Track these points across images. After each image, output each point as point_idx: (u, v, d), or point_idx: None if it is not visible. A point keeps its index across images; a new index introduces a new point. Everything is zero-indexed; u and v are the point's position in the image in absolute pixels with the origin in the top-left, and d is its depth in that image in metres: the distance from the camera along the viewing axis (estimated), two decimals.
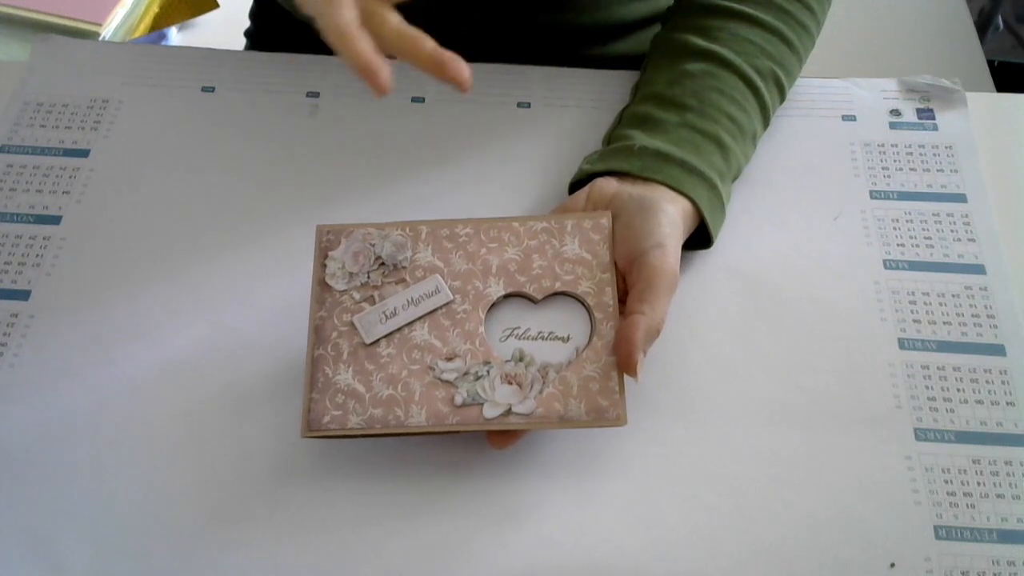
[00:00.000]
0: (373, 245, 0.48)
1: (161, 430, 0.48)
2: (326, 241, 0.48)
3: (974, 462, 0.47)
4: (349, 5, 0.40)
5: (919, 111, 0.61)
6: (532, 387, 0.44)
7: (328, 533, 0.45)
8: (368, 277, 0.47)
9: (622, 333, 0.45)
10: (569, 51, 0.66)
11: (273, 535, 0.45)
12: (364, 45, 0.40)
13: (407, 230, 0.48)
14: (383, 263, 0.47)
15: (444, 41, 0.64)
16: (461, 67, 0.41)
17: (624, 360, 0.44)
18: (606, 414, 0.44)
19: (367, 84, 0.40)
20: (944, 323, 0.51)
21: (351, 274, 0.47)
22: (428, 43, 0.41)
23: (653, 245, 0.46)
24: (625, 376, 0.45)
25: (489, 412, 0.44)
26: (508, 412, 0.44)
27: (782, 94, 0.57)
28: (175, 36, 1.17)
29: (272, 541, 0.45)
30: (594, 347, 0.45)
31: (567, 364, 0.45)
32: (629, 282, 0.47)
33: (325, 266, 0.47)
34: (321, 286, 0.47)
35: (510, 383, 0.44)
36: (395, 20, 0.42)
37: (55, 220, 0.56)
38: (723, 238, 0.53)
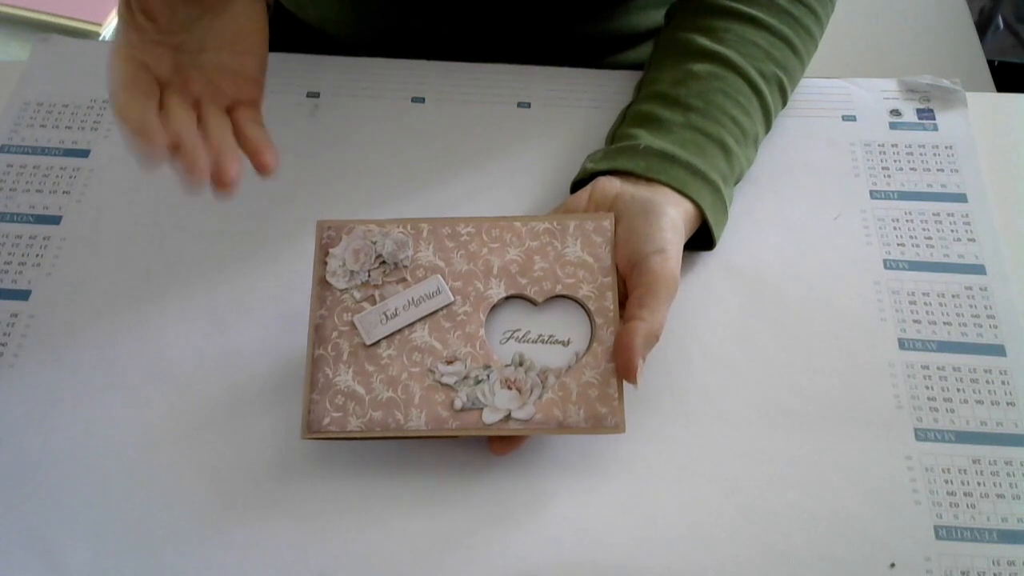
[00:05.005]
0: (374, 243, 0.47)
1: (161, 430, 0.48)
2: (327, 237, 0.48)
3: (974, 462, 0.47)
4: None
5: (919, 111, 0.61)
6: (531, 392, 0.44)
7: (328, 533, 0.45)
8: (369, 276, 0.47)
9: (621, 340, 0.44)
10: (583, 58, 0.66)
11: (273, 535, 0.45)
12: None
13: (408, 228, 0.48)
14: (384, 261, 0.47)
15: (465, 43, 0.65)
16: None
17: (623, 367, 0.44)
18: (605, 421, 0.44)
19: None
20: (944, 323, 0.51)
21: (352, 272, 0.47)
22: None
23: (655, 250, 0.46)
24: (624, 382, 0.45)
25: (488, 417, 0.44)
26: (507, 417, 0.44)
27: (784, 98, 0.57)
28: None
29: (272, 541, 0.45)
30: (594, 352, 0.45)
31: (567, 369, 0.45)
32: (629, 286, 0.47)
33: (326, 263, 0.47)
34: (322, 284, 0.47)
35: (510, 388, 0.44)
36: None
37: (55, 220, 0.56)
38: (723, 238, 0.53)
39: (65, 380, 0.50)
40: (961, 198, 0.56)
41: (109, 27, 1.04)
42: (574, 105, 0.61)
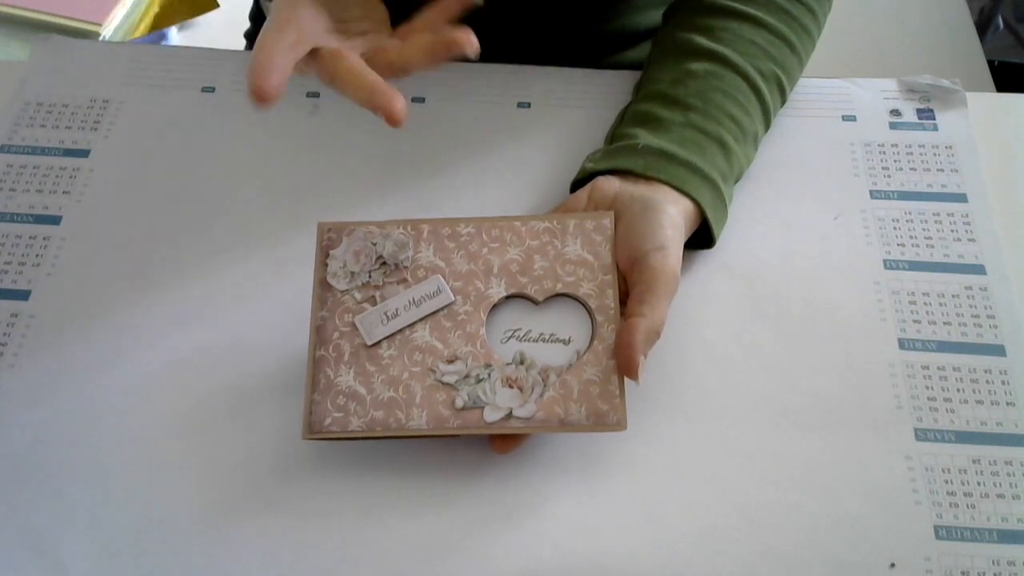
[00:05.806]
0: (374, 244, 0.48)
1: (162, 430, 0.48)
2: (327, 239, 0.48)
3: (974, 462, 0.47)
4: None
5: (919, 111, 0.61)
6: (533, 391, 0.44)
7: (329, 533, 0.45)
8: (369, 277, 0.47)
9: (622, 336, 0.44)
10: (583, 58, 0.66)
11: (274, 535, 0.45)
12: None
13: (408, 228, 0.48)
14: (384, 262, 0.47)
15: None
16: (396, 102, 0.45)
17: (624, 363, 0.44)
18: (606, 418, 0.44)
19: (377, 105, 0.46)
20: (944, 323, 0.51)
21: (352, 273, 0.47)
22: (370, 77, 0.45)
23: (654, 247, 0.46)
24: (626, 380, 0.45)
25: (490, 416, 0.44)
26: (509, 416, 0.44)
27: (783, 96, 0.57)
28: (175, 36, 1.17)
29: (273, 541, 0.45)
30: (595, 350, 0.45)
31: (568, 367, 0.45)
32: (630, 283, 0.47)
33: (326, 265, 0.47)
34: (322, 286, 0.47)
35: (511, 386, 0.44)
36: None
37: (55, 220, 0.56)
38: (723, 238, 0.53)
39: (65, 380, 0.50)
40: (961, 198, 0.56)
41: (109, 27, 1.04)
42: (574, 105, 0.61)
